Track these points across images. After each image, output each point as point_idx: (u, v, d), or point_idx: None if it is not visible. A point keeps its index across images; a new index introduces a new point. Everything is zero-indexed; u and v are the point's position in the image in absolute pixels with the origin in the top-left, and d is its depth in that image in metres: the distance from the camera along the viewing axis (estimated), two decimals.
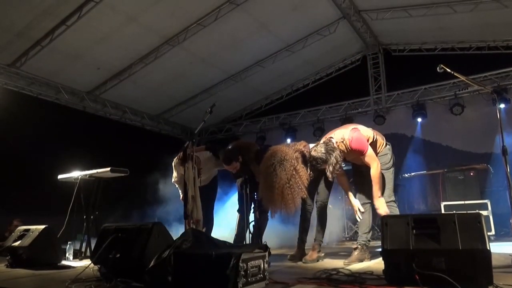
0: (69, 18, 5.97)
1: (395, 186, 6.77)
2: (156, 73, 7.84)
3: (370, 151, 3.57)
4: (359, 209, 3.78)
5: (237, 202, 4.63)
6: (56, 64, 7.01)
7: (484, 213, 5.26)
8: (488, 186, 6.53)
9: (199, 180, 3.82)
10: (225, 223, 5.79)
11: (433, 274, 2.18)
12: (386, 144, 3.85)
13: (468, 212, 4.95)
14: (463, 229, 2.27)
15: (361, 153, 3.56)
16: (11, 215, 6.45)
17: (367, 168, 3.63)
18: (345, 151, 3.60)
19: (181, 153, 3.99)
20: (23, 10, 5.68)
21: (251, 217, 4.18)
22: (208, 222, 4.66)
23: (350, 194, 3.89)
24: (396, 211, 3.67)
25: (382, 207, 3.54)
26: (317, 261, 3.83)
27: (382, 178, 3.62)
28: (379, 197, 3.55)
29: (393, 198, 3.70)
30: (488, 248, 2.17)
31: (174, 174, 4.86)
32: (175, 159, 4.72)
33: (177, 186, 4.99)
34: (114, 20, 6.29)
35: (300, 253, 3.94)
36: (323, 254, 3.98)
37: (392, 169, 3.76)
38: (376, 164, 3.55)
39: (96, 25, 6.29)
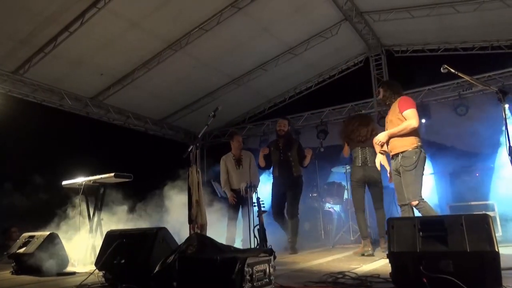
0: (72, 25, 5.98)
1: None
2: (159, 78, 7.85)
3: (415, 111, 3.81)
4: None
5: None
6: (60, 70, 7.03)
7: (490, 214, 5.22)
8: (494, 187, 6.48)
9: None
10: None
11: (441, 277, 2.16)
12: (417, 147, 3.80)
13: (475, 213, 4.91)
14: (470, 231, 2.25)
15: (407, 105, 3.83)
16: (14, 222, 6.46)
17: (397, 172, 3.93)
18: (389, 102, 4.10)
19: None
20: (26, 18, 5.71)
21: (256, 221, 4.17)
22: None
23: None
24: (428, 207, 3.74)
25: (381, 136, 3.94)
26: (363, 254, 4.59)
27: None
28: (388, 134, 3.89)
29: (421, 195, 3.76)
30: (497, 250, 2.15)
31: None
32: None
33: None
34: (116, 26, 6.30)
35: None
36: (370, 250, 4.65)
37: (413, 171, 3.74)
38: (414, 121, 3.74)
39: (99, 31, 6.31)
